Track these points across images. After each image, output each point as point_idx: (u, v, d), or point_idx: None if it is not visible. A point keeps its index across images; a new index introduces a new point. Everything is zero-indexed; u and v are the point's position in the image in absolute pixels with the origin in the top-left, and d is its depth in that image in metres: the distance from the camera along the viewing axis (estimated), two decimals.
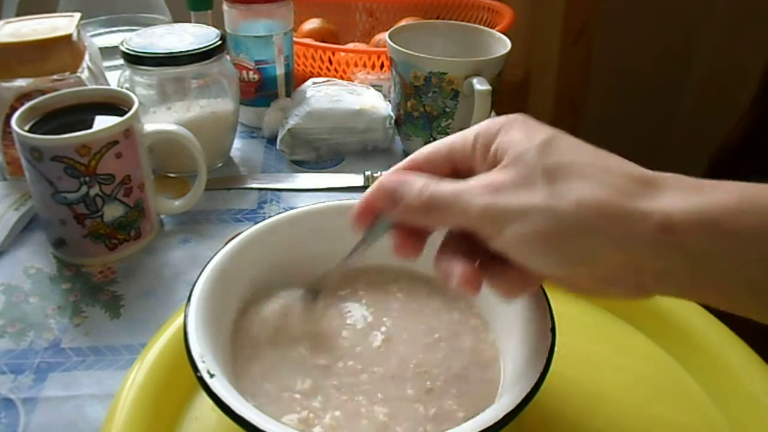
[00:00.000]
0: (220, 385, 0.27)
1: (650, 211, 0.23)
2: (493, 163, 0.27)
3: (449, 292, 0.28)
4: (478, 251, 0.27)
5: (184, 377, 0.30)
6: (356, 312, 0.37)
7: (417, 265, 0.39)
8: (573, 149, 0.26)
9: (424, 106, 0.59)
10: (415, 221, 0.28)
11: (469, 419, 0.26)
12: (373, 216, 0.30)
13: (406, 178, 0.28)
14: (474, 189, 0.26)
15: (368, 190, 0.29)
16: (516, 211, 0.24)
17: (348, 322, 0.36)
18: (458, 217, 0.26)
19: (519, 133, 0.27)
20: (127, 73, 0.56)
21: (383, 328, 0.36)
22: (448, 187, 0.27)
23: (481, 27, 0.65)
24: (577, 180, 0.24)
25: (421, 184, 0.27)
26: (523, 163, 0.25)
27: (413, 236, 0.29)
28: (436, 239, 0.30)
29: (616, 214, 0.23)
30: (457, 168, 0.29)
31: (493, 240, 0.26)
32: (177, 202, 0.52)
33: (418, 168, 0.29)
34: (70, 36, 0.51)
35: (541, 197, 0.24)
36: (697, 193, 0.24)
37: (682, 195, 0.24)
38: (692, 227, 0.23)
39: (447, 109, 0.59)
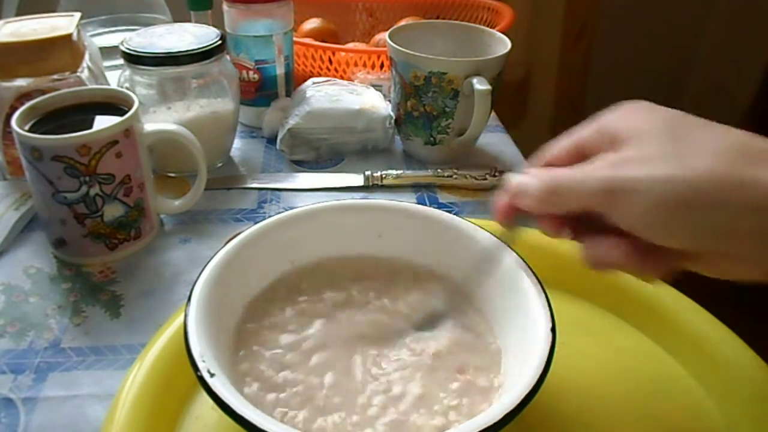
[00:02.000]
0: (220, 385, 0.27)
1: None
2: (617, 146, 0.27)
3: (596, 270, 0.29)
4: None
5: (184, 377, 0.30)
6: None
7: (421, 264, 0.40)
8: (695, 125, 0.26)
9: (424, 106, 0.59)
10: (544, 210, 0.29)
11: (469, 419, 0.26)
12: (512, 212, 0.31)
13: (527, 176, 0.29)
14: (593, 166, 0.27)
15: (498, 194, 0.31)
16: (638, 181, 0.25)
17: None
18: (580, 196, 0.27)
19: (642, 115, 0.27)
20: (127, 72, 0.56)
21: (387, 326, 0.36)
22: (568, 171, 0.28)
23: (481, 27, 0.65)
24: (701, 151, 0.25)
25: (540, 176, 0.29)
26: (647, 140, 0.26)
27: (555, 220, 0.30)
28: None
29: (742, 184, 0.24)
30: (586, 158, 0.29)
31: (617, 215, 0.26)
32: (177, 202, 0.52)
33: (550, 164, 0.30)
34: (70, 36, 0.51)
35: (667, 168, 0.25)
36: None
37: None
38: None
39: (447, 109, 0.59)
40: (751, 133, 0.26)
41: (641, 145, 0.26)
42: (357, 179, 0.59)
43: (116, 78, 0.58)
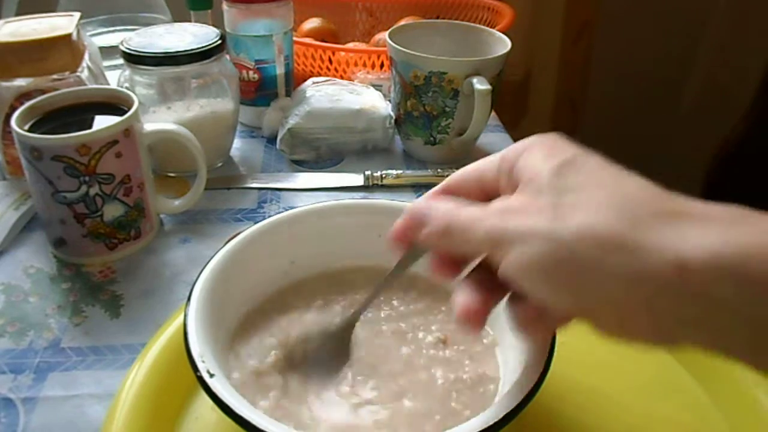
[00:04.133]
0: (219, 385, 0.27)
1: (663, 247, 0.21)
2: (513, 188, 0.26)
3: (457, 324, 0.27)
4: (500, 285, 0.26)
5: (184, 377, 0.30)
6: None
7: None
8: (591, 172, 0.24)
9: (424, 106, 0.59)
10: (438, 247, 0.28)
11: (469, 419, 0.26)
12: (408, 240, 0.28)
13: (433, 203, 0.27)
14: (484, 213, 0.25)
15: (402, 216, 0.28)
16: (517, 235, 0.23)
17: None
18: (468, 241, 0.25)
19: (539, 155, 0.25)
20: (127, 72, 0.56)
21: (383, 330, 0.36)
22: (466, 212, 0.26)
23: (482, 26, 0.65)
24: (585, 206, 0.22)
25: (444, 209, 0.26)
26: (535, 185, 0.24)
27: (449, 261, 0.28)
28: None
29: (621, 247, 0.21)
30: (488, 193, 0.27)
31: (500, 266, 0.24)
32: (177, 202, 0.52)
33: (452, 192, 0.28)
34: (69, 35, 0.51)
35: (544, 221, 0.23)
36: (733, 228, 0.20)
37: (711, 230, 0.21)
38: (710, 270, 0.20)
39: (447, 109, 0.59)
40: (657, 189, 0.23)
41: (529, 192, 0.24)
42: (357, 179, 0.59)
43: (116, 78, 0.58)
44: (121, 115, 0.45)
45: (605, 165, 0.24)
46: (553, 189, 0.24)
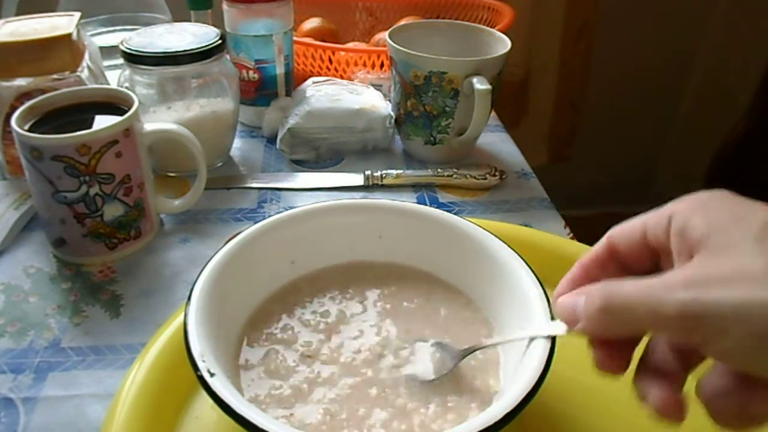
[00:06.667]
0: (220, 384, 0.27)
1: None
2: (691, 251, 0.23)
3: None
4: (686, 361, 0.24)
5: (184, 376, 0.30)
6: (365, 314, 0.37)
7: (421, 263, 0.40)
8: None
9: (424, 106, 0.59)
10: (603, 334, 0.25)
11: (469, 419, 0.26)
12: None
13: (580, 292, 0.25)
14: (668, 283, 0.22)
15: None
16: (735, 308, 0.20)
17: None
18: (650, 319, 0.22)
19: (724, 215, 0.23)
20: (127, 72, 0.56)
21: (388, 327, 0.36)
22: (631, 285, 0.23)
23: (482, 26, 0.65)
24: None
25: (595, 290, 0.24)
26: (738, 251, 0.21)
27: (615, 349, 0.26)
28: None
29: None
30: (654, 253, 0.25)
31: (706, 346, 0.21)
32: (177, 202, 0.52)
33: (612, 246, 0.26)
34: (69, 35, 0.51)
35: (763, 291, 0.20)
36: None
37: None
38: None
39: (447, 109, 0.59)
40: None
41: (726, 256, 0.22)
42: (357, 179, 0.59)
43: (116, 78, 0.58)
44: (121, 115, 0.45)
45: None
46: (758, 252, 0.21)
